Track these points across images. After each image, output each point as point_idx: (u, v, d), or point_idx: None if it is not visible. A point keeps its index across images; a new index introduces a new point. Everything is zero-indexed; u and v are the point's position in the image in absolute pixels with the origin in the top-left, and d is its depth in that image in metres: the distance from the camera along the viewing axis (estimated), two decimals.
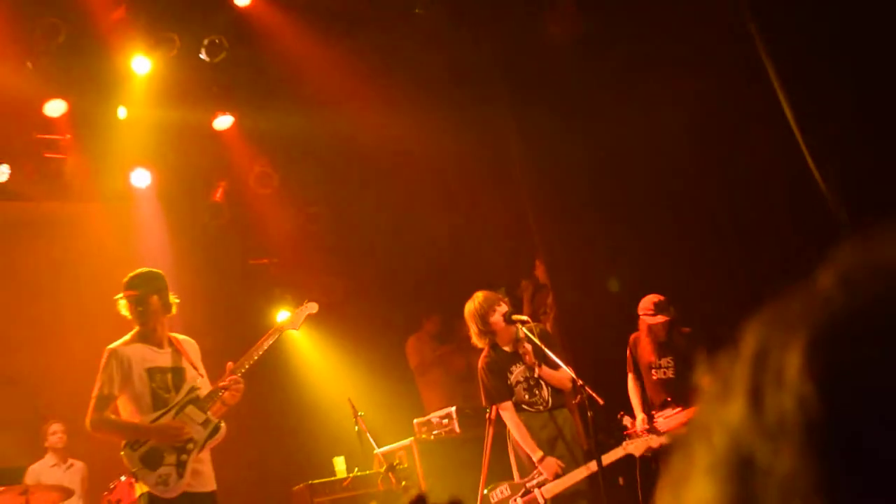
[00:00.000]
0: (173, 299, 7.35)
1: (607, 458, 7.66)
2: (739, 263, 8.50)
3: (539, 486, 7.81)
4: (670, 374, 8.24)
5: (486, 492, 8.07)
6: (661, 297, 8.41)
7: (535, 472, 7.87)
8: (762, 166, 8.59)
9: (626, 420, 8.13)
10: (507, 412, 8.01)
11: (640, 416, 8.26)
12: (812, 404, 0.65)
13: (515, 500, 7.88)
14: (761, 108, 8.49)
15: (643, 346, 8.41)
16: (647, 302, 8.37)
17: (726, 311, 8.30)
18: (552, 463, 7.79)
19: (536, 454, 7.83)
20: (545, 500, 7.77)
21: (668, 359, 8.23)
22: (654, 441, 7.76)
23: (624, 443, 7.75)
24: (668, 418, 8.03)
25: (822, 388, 0.65)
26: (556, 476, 7.80)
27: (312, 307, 7.96)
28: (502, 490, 7.99)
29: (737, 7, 8.71)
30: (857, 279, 0.70)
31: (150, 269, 7.48)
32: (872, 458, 0.63)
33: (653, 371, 8.23)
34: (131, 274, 7.33)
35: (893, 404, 0.64)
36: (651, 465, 8.26)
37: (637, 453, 7.68)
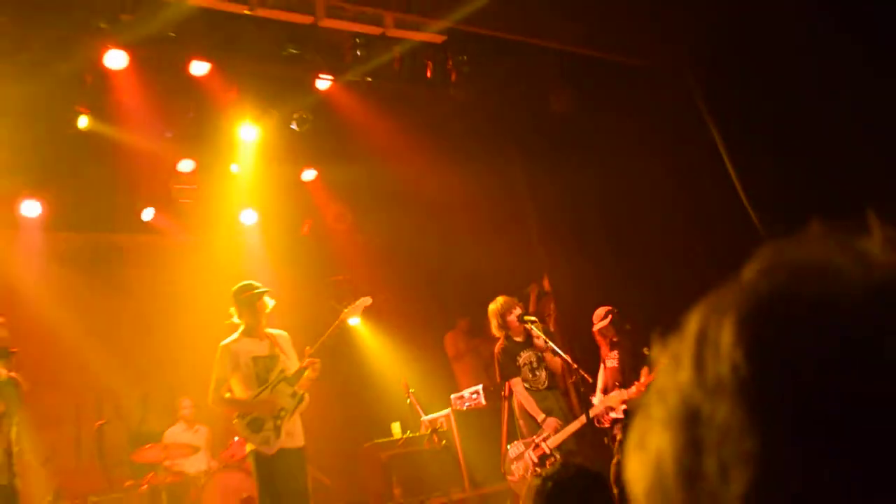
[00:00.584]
0: (269, 303, 7.38)
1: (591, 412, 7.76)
2: (696, 278, 8.44)
3: (543, 440, 7.80)
4: (616, 364, 8.15)
5: (507, 447, 8.06)
6: (608, 307, 8.39)
7: (539, 431, 7.85)
8: (711, 206, 8.59)
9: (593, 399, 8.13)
10: (517, 386, 8.03)
11: (598, 395, 8.17)
12: (741, 367, 0.63)
13: (528, 452, 7.83)
14: (711, 164, 8.39)
15: (600, 343, 8.34)
16: (598, 312, 8.38)
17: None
18: (552, 421, 7.87)
19: (540, 416, 7.88)
20: (549, 450, 7.74)
21: (615, 352, 8.13)
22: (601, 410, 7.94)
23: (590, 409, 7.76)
24: (612, 397, 7.97)
25: (748, 354, 0.63)
26: (556, 431, 7.79)
27: (367, 300, 7.93)
28: (517, 446, 7.96)
29: (690, 89, 8.77)
30: (772, 271, 0.68)
31: (250, 282, 7.55)
32: (787, 403, 0.61)
33: (606, 362, 8.18)
34: (236, 286, 7.50)
35: (802, 363, 0.61)
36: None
37: (592, 414, 7.77)
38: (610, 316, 8.34)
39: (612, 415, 8.21)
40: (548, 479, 3.88)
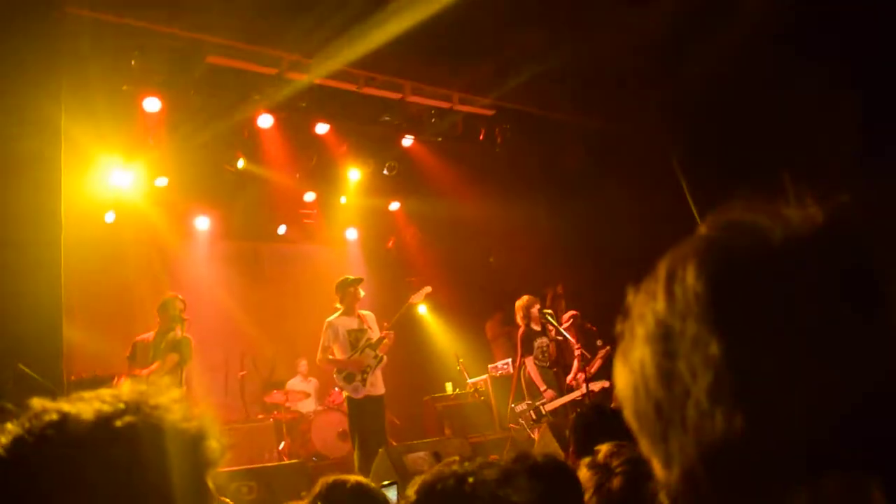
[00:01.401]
0: (360, 292, 7.44)
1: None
2: None
3: (542, 404, 7.68)
4: (579, 352, 7.92)
5: (512, 405, 7.91)
6: (573, 312, 8.31)
7: (539, 397, 7.73)
8: (678, 232, 8.38)
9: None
10: (530, 362, 7.87)
11: (571, 374, 7.98)
12: (701, 295, 0.62)
13: (530, 411, 7.68)
14: (679, 202, 8.36)
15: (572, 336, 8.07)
16: (565, 316, 8.31)
17: None
18: (550, 392, 7.71)
19: (543, 387, 7.72)
20: (546, 412, 7.61)
21: (580, 344, 7.91)
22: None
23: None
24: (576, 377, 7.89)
25: (706, 286, 0.62)
26: (551, 400, 7.70)
27: (428, 289, 7.98)
28: (521, 405, 7.80)
29: (667, 149, 8.70)
30: (719, 228, 0.66)
31: (347, 276, 7.59)
32: (733, 318, 0.60)
33: (575, 351, 7.97)
34: (339, 279, 7.55)
35: (742, 289, 0.60)
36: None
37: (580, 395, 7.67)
38: (572, 319, 8.23)
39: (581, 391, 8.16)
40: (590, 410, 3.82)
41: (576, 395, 7.74)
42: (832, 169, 6.64)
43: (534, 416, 7.70)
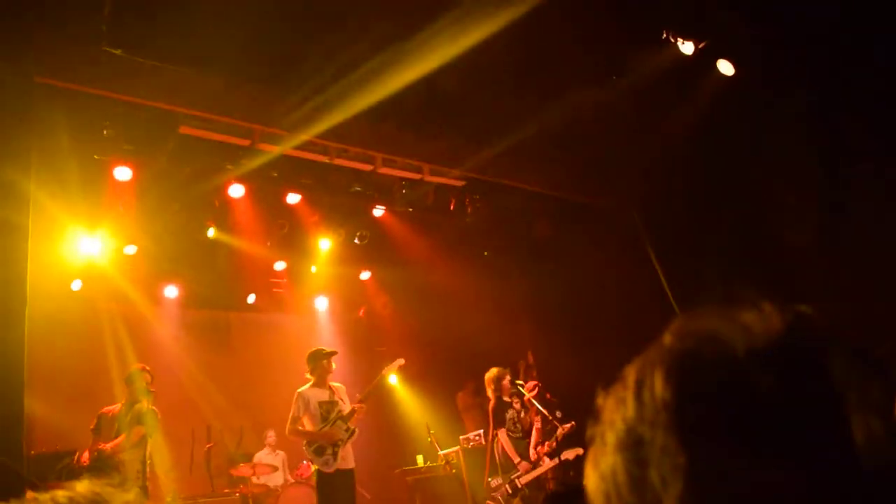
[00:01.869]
0: (332, 364, 7.39)
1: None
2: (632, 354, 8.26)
3: (517, 477, 7.61)
4: (539, 425, 7.95)
5: (489, 479, 7.83)
6: (535, 382, 8.29)
7: (514, 469, 7.65)
8: (645, 302, 8.40)
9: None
10: (502, 434, 7.81)
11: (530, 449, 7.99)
12: (670, 403, 0.63)
13: (504, 485, 7.61)
14: (646, 272, 8.51)
15: (530, 407, 8.03)
16: (528, 385, 8.25)
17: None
18: (525, 464, 7.65)
19: (516, 459, 7.67)
20: (521, 485, 7.54)
21: (539, 417, 7.89)
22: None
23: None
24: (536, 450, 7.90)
25: (673, 395, 0.64)
26: (526, 472, 7.62)
27: (400, 361, 7.92)
28: (496, 479, 7.74)
29: (634, 220, 8.86)
30: (683, 337, 0.67)
31: (321, 348, 7.55)
32: (701, 428, 0.61)
33: (536, 424, 8.00)
34: (312, 350, 7.51)
35: (707, 399, 0.61)
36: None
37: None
38: (536, 389, 8.19)
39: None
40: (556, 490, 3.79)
41: (550, 465, 7.65)
42: (795, 231, 6.80)
43: (509, 491, 7.61)
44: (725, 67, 7.13)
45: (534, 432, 8.05)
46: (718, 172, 7.52)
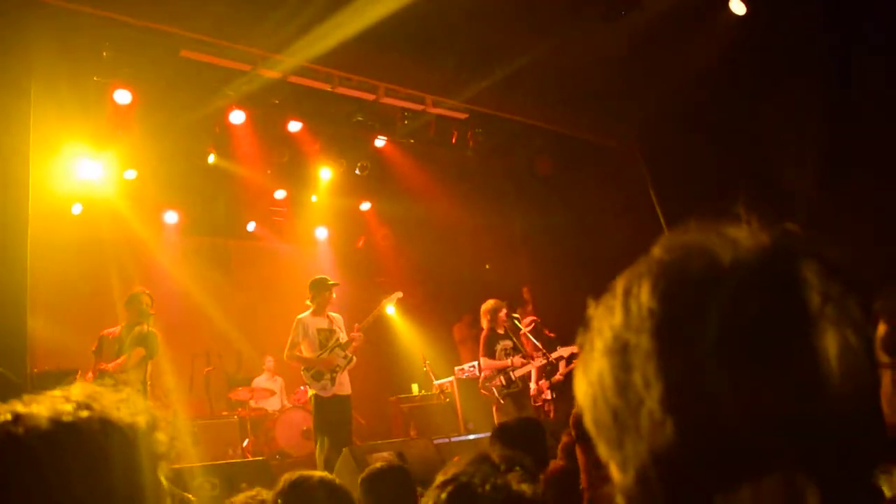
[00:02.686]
0: (333, 295, 7.41)
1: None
2: None
3: (512, 370, 7.65)
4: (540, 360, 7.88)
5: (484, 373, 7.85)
6: (533, 318, 8.41)
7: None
8: (644, 237, 8.45)
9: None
10: (485, 362, 7.80)
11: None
12: (655, 312, 0.65)
13: (499, 377, 7.66)
14: (645, 208, 8.46)
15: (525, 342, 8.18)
16: (525, 321, 8.36)
17: None
18: (517, 358, 7.73)
19: (507, 361, 7.71)
20: (515, 377, 7.65)
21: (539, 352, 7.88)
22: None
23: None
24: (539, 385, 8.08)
25: (658, 303, 0.65)
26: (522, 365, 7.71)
27: (399, 294, 7.96)
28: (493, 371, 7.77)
29: (635, 156, 8.82)
30: (671, 249, 0.69)
31: (324, 277, 7.55)
32: (682, 334, 0.63)
33: (535, 359, 7.94)
34: (315, 278, 7.53)
35: (691, 307, 0.63)
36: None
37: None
38: (532, 324, 8.27)
39: (543, 397, 8.19)
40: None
41: (541, 361, 7.78)
42: (795, 184, 6.78)
43: (503, 382, 7.72)
44: (737, 6, 7.01)
45: (533, 371, 8.13)
46: (725, 114, 7.44)
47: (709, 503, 0.62)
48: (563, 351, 7.73)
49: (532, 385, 8.17)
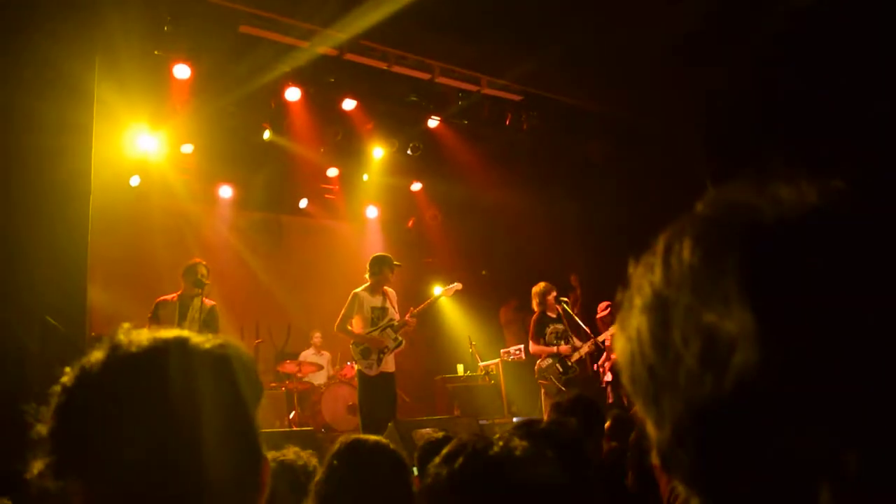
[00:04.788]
0: (391, 275, 7.39)
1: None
2: None
3: (567, 357, 7.71)
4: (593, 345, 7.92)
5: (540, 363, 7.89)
6: (608, 302, 8.33)
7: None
8: None
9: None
10: (533, 346, 7.91)
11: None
12: (696, 268, 0.64)
13: (556, 364, 7.70)
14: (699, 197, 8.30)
15: (600, 328, 8.22)
16: (601, 305, 8.42)
17: None
18: (565, 346, 7.78)
19: (553, 349, 7.76)
20: (571, 363, 7.69)
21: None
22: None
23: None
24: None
25: (700, 259, 0.65)
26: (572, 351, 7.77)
27: (458, 286, 8.00)
28: (546, 360, 7.80)
29: (693, 145, 8.66)
30: (714, 206, 0.68)
31: (383, 254, 7.61)
32: (724, 291, 0.61)
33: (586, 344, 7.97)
34: (378, 254, 7.59)
35: (735, 265, 0.62)
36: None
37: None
38: (609, 308, 8.24)
39: (606, 379, 8.15)
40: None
41: (588, 347, 7.80)
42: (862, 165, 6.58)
43: (560, 369, 7.75)
44: None
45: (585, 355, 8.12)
46: (788, 103, 7.25)
47: (744, 459, 0.61)
48: (609, 333, 7.70)
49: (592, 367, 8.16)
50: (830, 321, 0.60)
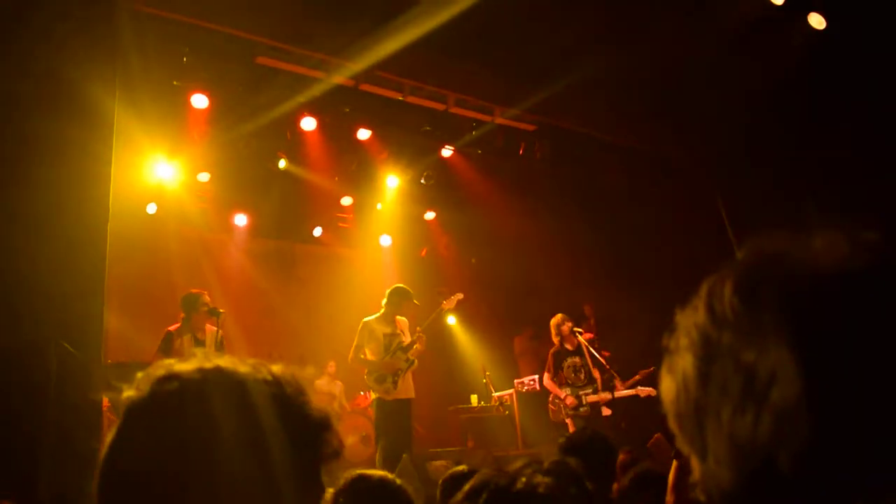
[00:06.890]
0: (409, 309, 7.44)
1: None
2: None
3: (585, 394, 7.68)
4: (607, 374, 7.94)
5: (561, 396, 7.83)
6: (591, 335, 8.31)
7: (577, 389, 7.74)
8: (712, 256, 8.28)
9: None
10: (546, 378, 7.92)
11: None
12: (737, 309, 0.68)
13: (571, 396, 7.71)
14: (716, 227, 8.31)
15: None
16: (587, 336, 8.24)
17: None
18: (571, 398, 7.71)
19: (562, 393, 7.74)
20: (586, 401, 7.65)
21: (596, 370, 7.91)
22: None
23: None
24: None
25: (741, 301, 0.69)
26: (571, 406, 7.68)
27: (459, 295, 7.98)
28: (565, 391, 7.77)
29: (706, 175, 8.66)
30: (754, 255, 0.72)
31: (401, 287, 7.54)
32: (764, 331, 0.65)
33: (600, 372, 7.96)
34: (397, 286, 7.54)
35: (772, 307, 0.67)
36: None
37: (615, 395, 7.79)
38: (589, 342, 8.15)
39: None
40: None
41: (605, 396, 7.75)
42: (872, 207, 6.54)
43: (575, 402, 7.71)
44: (816, 21, 6.83)
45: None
46: (802, 132, 7.25)
47: (783, 491, 0.64)
48: (643, 391, 7.66)
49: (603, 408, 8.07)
50: (860, 357, 0.63)
